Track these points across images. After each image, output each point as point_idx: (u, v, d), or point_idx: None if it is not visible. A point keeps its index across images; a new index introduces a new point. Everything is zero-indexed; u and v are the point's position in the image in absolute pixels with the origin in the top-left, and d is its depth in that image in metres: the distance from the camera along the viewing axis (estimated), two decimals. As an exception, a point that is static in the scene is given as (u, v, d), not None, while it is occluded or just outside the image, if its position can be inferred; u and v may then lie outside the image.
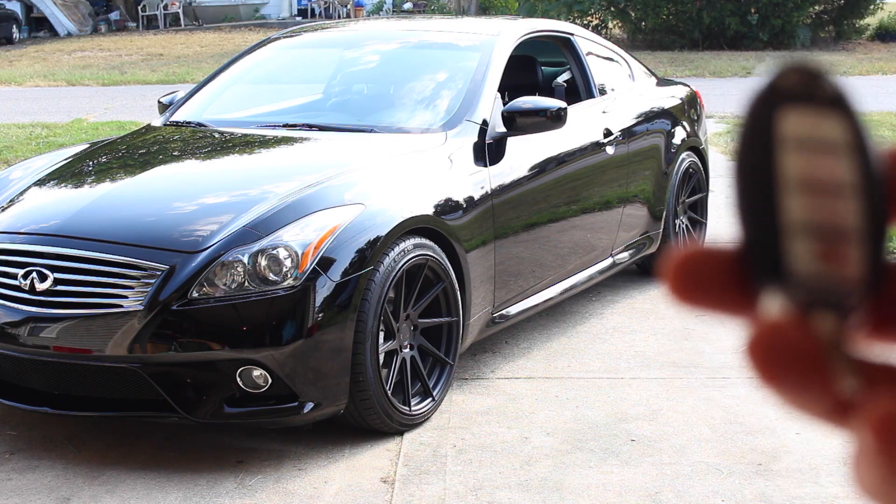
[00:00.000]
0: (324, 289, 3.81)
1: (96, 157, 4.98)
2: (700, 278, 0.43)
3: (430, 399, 4.22)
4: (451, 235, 4.34)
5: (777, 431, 4.06)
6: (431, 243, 4.24)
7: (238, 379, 3.77)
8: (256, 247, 3.83)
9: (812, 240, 0.41)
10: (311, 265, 3.81)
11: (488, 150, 4.74)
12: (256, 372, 3.76)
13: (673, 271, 0.43)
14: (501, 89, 5.07)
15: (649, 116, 6.11)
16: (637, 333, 5.25)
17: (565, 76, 6.10)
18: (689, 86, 6.94)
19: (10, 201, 4.42)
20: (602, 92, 5.93)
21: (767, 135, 0.42)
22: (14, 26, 28.02)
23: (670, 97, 6.51)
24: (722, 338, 5.08)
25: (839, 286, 0.41)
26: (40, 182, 4.58)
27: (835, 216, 0.41)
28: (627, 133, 5.78)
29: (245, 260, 3.80)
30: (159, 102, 5.79)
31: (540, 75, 6.27)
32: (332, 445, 4.02)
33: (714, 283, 0.43)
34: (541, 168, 5.02)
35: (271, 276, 3.79)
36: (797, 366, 0.41)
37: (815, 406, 0.42)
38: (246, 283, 3.78)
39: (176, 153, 4.97)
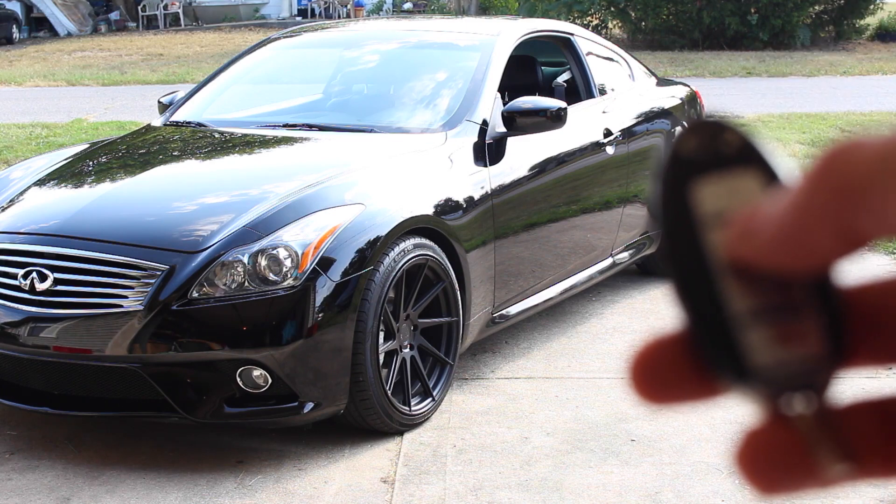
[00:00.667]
0: (324, 289, 3.81)
1: (96, 157, 4.98)
2: (661, 378, 0.40)
3: (430, 399, 4.22)
4: (451, 235, 4.34)
5: (777, 431, 4.06)
6: (431, 243, 4.24)
7: (238, 379, 3.77)
8: (256, 247, 3.83)
9: (764, 325, 0.38)
10: (311, 265, 3.81)
11: (488, 150, 4.74)
12: (256, 372, 3.76)
13: (634, 375, 0.40)
14: (501, 89, 5.07)
15: (649, 116, 6.11)
16: (637, 333, 5.25)
17: (565, 76, 6.10)
18: (689, 86, 6.95)
19: (10, 201, 4.42)
20: (602, 92, 5.93)
21: (686, 216, 0.38)
22: (14, 26, 28.01)
23: (670, 97, 6.51)
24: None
25: (805, 366, 0.38)
26: (40, 182, 4.58)
27: (780, 290, 0.38)
28: (627, 133, 5.78)
29: (245, 260, 3.80)
30: (159, 102, 5.80)
31: (540, 75, 6.28)
32: (332, 445, 4.02)
33: (676, 380, 0.40)
34: (541, 168, 5.02)
35: (271, 276, 3.79)
36: (787, 470, 0.40)
37: (812, 491, 0.41)
38: (246, 283, 3.78)
39: (176, 153, 4.97)
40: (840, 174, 0.35)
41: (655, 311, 5.61)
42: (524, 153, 4.92)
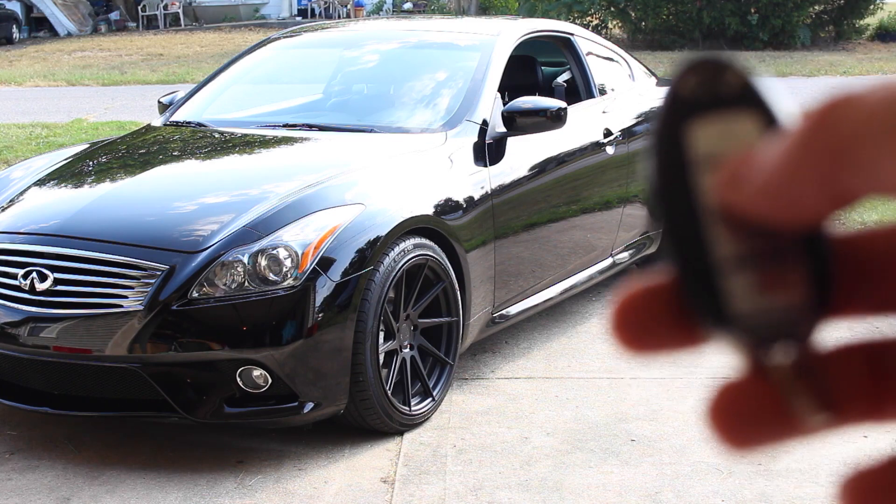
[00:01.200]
0: (324, 289, 3.81)
1: (96, 157, 4.98)
2: (643, 325, 0.39)
3: (430, 399, 4.22)
4: (451, 235, 4.34)
5: (777, 431, 4.06)
6: (431, 243, 4.24)
7: (238, 379, 3.77)
8: (256, 247, 3.83)
9: (748, 271, 0.37)
10: (311, 265, 3.81)
11: (488, 150, 4.74)
12: (256, 372, 3.76)
13: (615, 322, 0.40)
14: (501, 89, 5.07)
15: (649, 116, 6.11)
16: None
17: (565, 76, 6.11)
18: (689, 86, 6.93)
19: (11, 201, 4.42)
20: (602, 92, 5.93)
21: (679, 156, 0.37)
22: (14, 26, 28.02)
23: (670, 97, 6.50)
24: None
25: (787, 314, 0.37)
26: (40, 182, 4.58)
27: (766, 238, 0.37)
28: (627, 133, 5.78)
29: (245, 260, 3.80)
30: (159, 102, 5.80)
31: (540, 75, 6.28)
32: (332, 445, 4.02)
33: (658, 328, 0.39)
34: (541, 168, 5.03)
35: (271, 276, 3.79)
36: (761, 423, 0.39)
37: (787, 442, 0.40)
38: (246, 283, 3.78)
39: (176, 153, 4.97)
40: (830, 129, 0.35)
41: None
42: (524, 153, 4.92)
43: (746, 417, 0.39)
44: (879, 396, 0.39)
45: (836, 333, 0.40)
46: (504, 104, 4.97)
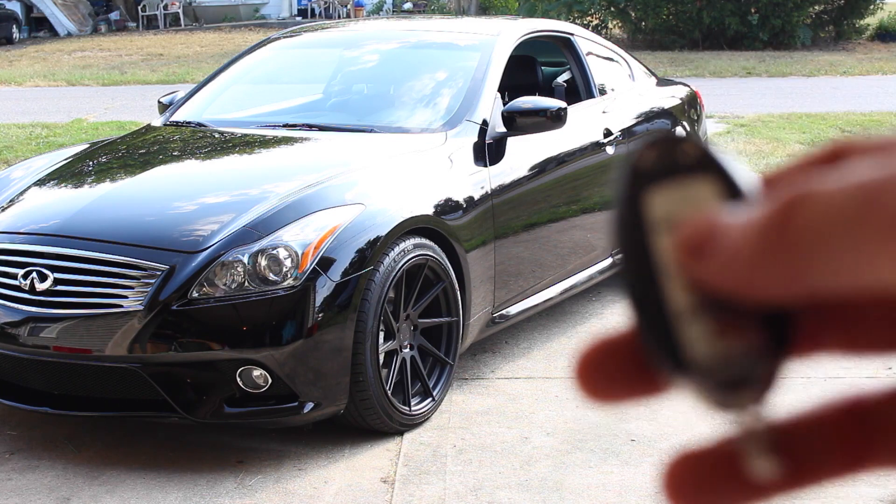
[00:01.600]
0: (324, 289, 3.81)
1: (96, 157, 4.98)
2: (606, 376, 0.41)
3: (430, 399, 4.22)
4: (451, 235, 4.34)
5: (777, 431, 4.06)
6: (431, 243, 4.24)
7: (238, 379, 3.77)
8: (256, 247, 3.83)
9: (703, 320, 0.38)
10: (311, 265, 3.81)
11: (488, 150, 4.74)
12: (256, 372, 3.76)
13: (579, 373, 0.41)
14: (501, 89, 5.07)
15: (649, 116, 6.11)
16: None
17: (565, 76, 6.11)
18: (689, 86, 6.95)
19: (11, 201, 4.42)
20: (602, 92, 5.93)
21: (639, 221, 0.40)
22: (14, 26, 28.01)
23: (670, 97, 6.51)
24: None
25: (743, 358, 0.39)
26: (40, 182, 4.58)
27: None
28: (627, 133, 5.78)
29: (245, 260, 3.80)
30: (159, 102, 5.80)
31: (540, 75, 6.28)
32: (332, 445, 4.02)
33: (621, 378, 0.41)
34: (541, 168, 5.03)
35: (271, 276, 3.79)
36: (718, 487, 0.40)
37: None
38: (246, 283, 3.78)
39: (176, 153, 4.97)
40: (789, 225, 0.35)
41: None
42: (524, 153, 4.92)
43: (704, 487, 0.40)
44: (861, 452, 0.40)
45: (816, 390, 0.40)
46: (504, 104, 4.97)
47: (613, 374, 0.41)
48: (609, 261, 5.65)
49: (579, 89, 5.87)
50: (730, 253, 0.36)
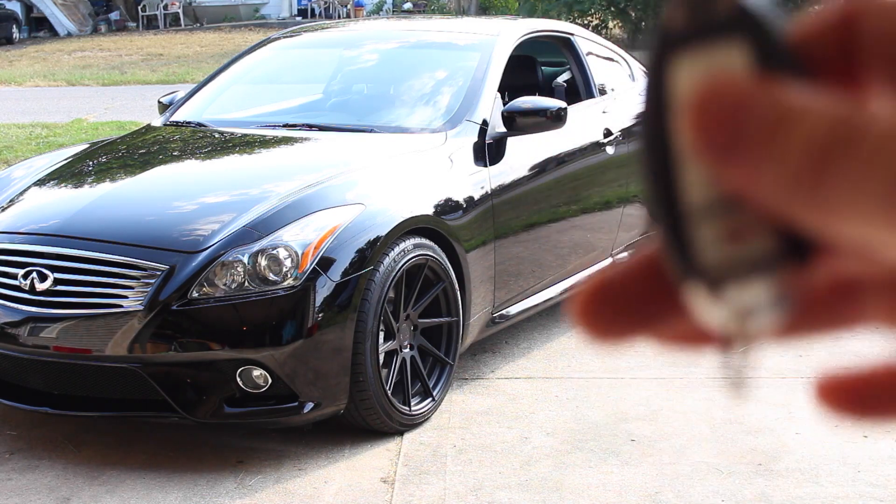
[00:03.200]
0: (324, 289, 3.81)
1: (96, 157, 4.98)
2: (609, 309, 0.38)
3: (430, 399, 4.22)
4: (451, 235, 4.34)
5: (777, 431, 4.06)
6: (431, 243, 4.24)
7: (238, 379, 3.77)
8: (256, 247, 3.83)
9: (716, 220, 0.34)
10: (311, 265, 3.81)
11: (488, 150, 4.74)
12: (256, 372, 3.76)
13: (581, 312, 0.38)
14: (501, 89, 5.07)
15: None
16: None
17: (565, 76, 6.10)
18: (689, 86, 6.93)
19: (11, 201, 4.42)
20: (602, 92, 5.93)
21: (662, 97, 0.34)
22: (14, 26, 28.02)
23: (670, 97, 6.50)
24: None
25: (755, 264, 0.34)
26: (40, 182, 4.58)
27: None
28: (627, 133, 5.78)
29: (245, 260, 3.80)
30: (159, 102, 5.80)
31: (540, 75, 6.28)
32: (332, 445, 4.02)
33: (625, 309, 0.38)
34: (541, 168, 5.03)
35: (271, 276, 3.79)
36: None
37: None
38: (246, 283, 3.78)
39: (176, 153, 4.97)
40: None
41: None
42: (524, 153, 4.91)
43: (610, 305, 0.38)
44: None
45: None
46: (504, 104, 4.97)
47: (616, 306, 0.38)
48: (609, 261, 5.64)
49: (579, 89, 5.87)
50: (746, 139, 0.32)
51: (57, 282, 3.88)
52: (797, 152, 0.32)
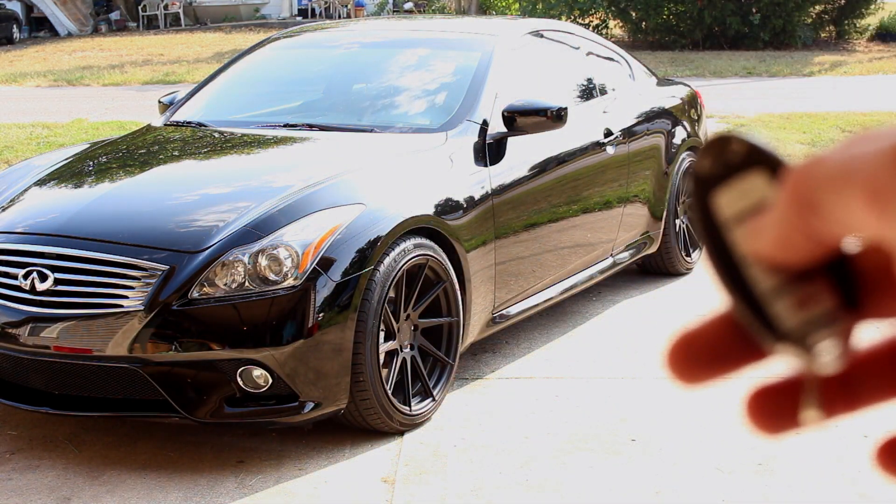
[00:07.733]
0: (324, 288, 3.81)
1: (96, 157, 4.98)
2: (697, 360, 0.48)
3: (430, 399, 4.22)
4: (451, 235, 4.34)
5: (777, 431, 4.06)
6: (432, 243, 4.24)
7: (238, 379, 3.77)
8: (257, 247, 3.83)
9: (786, 296, 0.45)
10: (311, 265, 3.81)
11: (488, 150, 4.74)
12: (257, 372, 3.76)
13: (671, 360, 0.48)
14: (501, 89, 5.07)
15: (649, 116, 6.11)
16: (637, 333, 5.25)
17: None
18: (689, 86, 6.95)
19: (11, 201, 4.42)
20: (602, 92, 5.93)
21: (714, 222, 0.46)
22: (14, 26, 28.01)
23: (670, 97, 6.51)
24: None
25: (825, 321, 0.45)
26: (41, 182, 4.58)
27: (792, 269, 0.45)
28: (628, 133, 5.78)
29: (245, 260, 3.80)
30: (159, 102, 5.79)
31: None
32: (332, 445, 4.02)
33: (709, 359, 0.48)
34: (541, 168, 5.02)
35: (272, 276, 3.79)
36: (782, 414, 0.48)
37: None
38: (246, 283, 3.78)
39: (176, 153, 4.97)
40: (800, 189, 0.42)
41: (655, 311, 5.61)
42: (524, 153, 4.91)
43: (774, 409, 0.48)
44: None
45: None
46: (504, 104, 4.97)
47: (702, 357, 0.48)
48: (609, 260, 5.65)
49: (579, 89, 5.87)
50: (769, 223, 0.44)
51: (57, 282, 3.88)
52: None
